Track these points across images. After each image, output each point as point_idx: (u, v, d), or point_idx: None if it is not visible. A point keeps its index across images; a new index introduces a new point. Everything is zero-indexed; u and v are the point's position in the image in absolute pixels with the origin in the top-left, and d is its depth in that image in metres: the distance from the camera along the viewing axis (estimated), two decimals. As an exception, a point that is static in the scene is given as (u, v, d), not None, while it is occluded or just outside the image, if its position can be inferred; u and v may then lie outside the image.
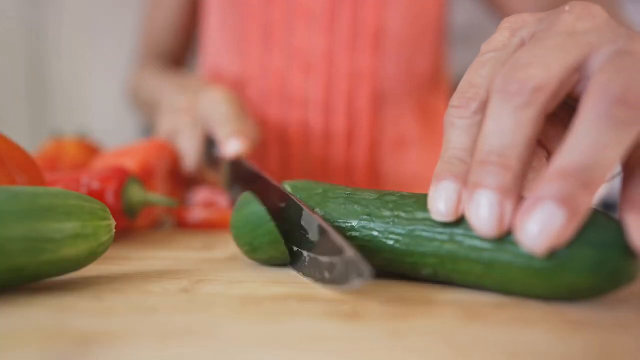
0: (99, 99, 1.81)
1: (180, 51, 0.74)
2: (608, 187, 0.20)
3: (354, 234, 0.24)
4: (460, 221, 0.21)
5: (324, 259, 0.22)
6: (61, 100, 1.79)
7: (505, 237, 0.20)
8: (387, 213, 0.24)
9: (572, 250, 0.19)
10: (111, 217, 0.24)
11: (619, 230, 0.19)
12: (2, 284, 0.21)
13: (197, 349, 0.16)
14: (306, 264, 0.24)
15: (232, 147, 0.42)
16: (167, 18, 0.70)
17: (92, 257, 0.23)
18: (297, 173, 0.61)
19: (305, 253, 0.25)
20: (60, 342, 0.16)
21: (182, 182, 0.47)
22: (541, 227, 0.18)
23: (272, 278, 0.25)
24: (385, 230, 0.23)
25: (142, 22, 0.75)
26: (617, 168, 0.20)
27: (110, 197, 0.33)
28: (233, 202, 0.40)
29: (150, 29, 0.72)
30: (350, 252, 0.20)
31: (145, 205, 0.36)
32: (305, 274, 0.25)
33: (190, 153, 0.46)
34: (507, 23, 0.24)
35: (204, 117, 0.46)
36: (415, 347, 0.16)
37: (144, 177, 0.40)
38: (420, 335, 0.17)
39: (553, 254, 0.19)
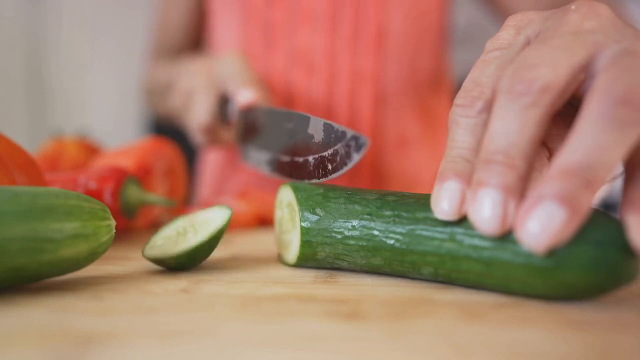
0: (99, 99, 1.81)
1: (192, 50, 0.74)
2: (609, 187, 0.20)
3: (354, 233, 0.24)
4: (460, 220, 0.21)
5: (329, 152, 0.27)
6: (61, 100, 1.79)
7: (505, 236, 0.20)
8: (388, 212, 0.24)
9: (572, 248, 0.19)
10: (111, 217, 0.24)
11: (619, 230, 0.19)
12: (2, 284, 0.21)
13: (197, 349, 0.16)
14: (311, 167, 0.29)
15: (244, 96, 0.44)
16: (179, 18, 0.70)
17: (92, 257, 0.23)
18: None
19: (310, 158, 0.29)
20: (60, 342, 0.16)
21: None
22: (542, 226, 0.18)
23: (272, 278, 0.25)
24: (386, 229, 0.23)
25: (154, 22, 0.75)
26: (619, 168, 0.20)
27: (107, 197, 0.33)
28: (244, 158, 0.42)
29: (163, 29, 0.73)
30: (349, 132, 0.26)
31: (143, 205, 0.36)
32: (312, 177, 0.29)
33: (202, 110, 0.47)
34: (512, 21, 0.24)
35: (218, 75, 0.48)
36: (415, 347, 0.16)
37: (142, 177, 0.40)
38: (420, 335, 0.17)
39: (553, 252, 0.19)
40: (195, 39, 0.73)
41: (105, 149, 0.51)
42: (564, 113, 0.23)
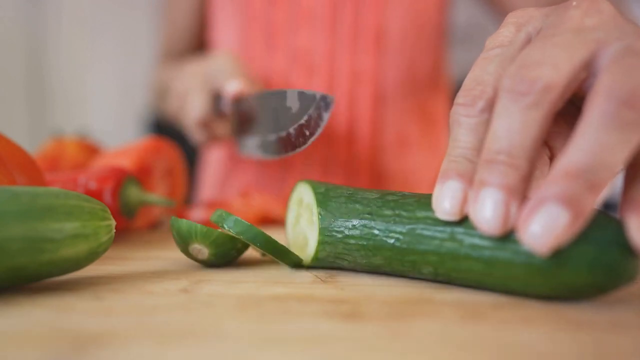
0: (99, 99, 1.81)
1: (197, 53, 0.74)
2: (609, 187, 0.20)
3: (354, 232, 0.24)
4: (461, 219, 0.21)
5: (305, 119, 0.30)
6: (61, 100, 1.79)
7: (505, 235, 0.20)
8: (388, 212, 0.24)
9: (572, 247, 0.19)
10: (111, 217, 0.24)
11: (619, 229, 0.19)
12: (2, 284, 0.21)
13: (197, 349, 0.16)
14: (293, 138, 0.31)
15: (232, 86, 0.45)
16: (184, 21, 0.71)
17: (92, 257, 0.23)
18: (299, 172, 0.61)
19: (291, 129, 0.30)
20: (60, 342, 0.16)
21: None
22: (545, 227, 0.18)
23: (272, 278, 0.25)
24: (386, 228, 0.23)
25: (160, 27, 0.76)
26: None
27: (107, 197, 0.33)
28: (241, 149, 0.44)
29: (169, 32, 0.73)
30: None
31: (143, 205, 0.36)
32: (294, 148, 0.31)
33: (197, 106, 0.49)
34: (512, 17, 0.24)
35: (209, 74, 0.50)
36: (415, 347, 0.16)
37: (142, 177, 0.40)
38: (420, 335, 0.17)
39: (553, 252, 0.19)
40: (200, 41, 0.73)
41: (105, 149, 0.51)
42: (564, 111, 0.23)
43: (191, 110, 0.49)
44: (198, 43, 0.73)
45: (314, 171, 0.61)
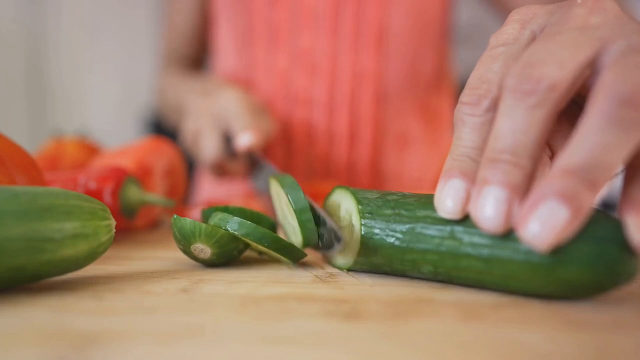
0: (99, 99, 1.81)
1: (199, 54, 0.75)
2: (609, 186, 0.20)
3: (354, 233, 0.24)
4: (461, 218, 0.21)
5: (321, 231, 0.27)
6: (61, 100, 1.79)
7: (505, 234, 0.20)
8: (389, 211, 0.24)
9: (571, 245, 0.19)
10: (111, 217, 0.24)
11: (618, 228, 0.19)
12: (2, 284, 0.21)
13: (197, 349, 0.16)
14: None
15: (244, 140, 0.46)
16: (186, 25, 0.71)
17: (92, 257, 0.23)
18: (301, 171, 0.61)
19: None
20: (60, 342, 0.16)
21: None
22: (544, 224, 0.18)
23: (272, 278, 0.25)
24: (387, 227, 0.23)
25: (162, 30, 0.76)
26: (619, 167, 0.20)
27: (108, 197, 0.33)
28: (256, 190, 0.43)
29: (171, 36, 0.74)
30: (332, 224, 0.25)
31: (143, 205, 0.36)
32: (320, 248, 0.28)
33: (210, 149, 0.49)
34: (517, 15, 0.24)
35: (220, 115, 0.50)
36: (415, 347, 0.16)
37: (142, 177, 0.40)
38: (420, 335, 0.17)
39: (552, 250, 0.19)
40: (202, 43, 0.73)
41: (105, 149, 0.51)
42: (566, 110, 0.23)
43: (204, 152, 0.50)
44: (200, 45, 0.73)
45: (316, 170, 0.61)
